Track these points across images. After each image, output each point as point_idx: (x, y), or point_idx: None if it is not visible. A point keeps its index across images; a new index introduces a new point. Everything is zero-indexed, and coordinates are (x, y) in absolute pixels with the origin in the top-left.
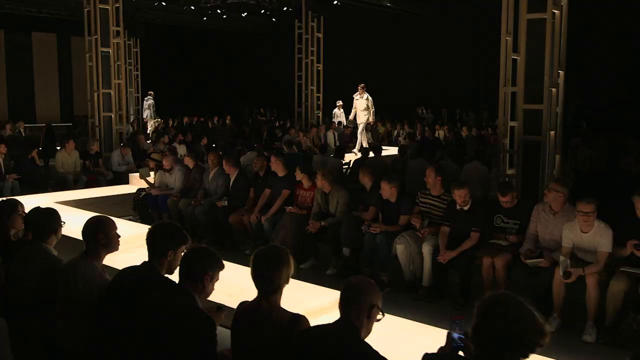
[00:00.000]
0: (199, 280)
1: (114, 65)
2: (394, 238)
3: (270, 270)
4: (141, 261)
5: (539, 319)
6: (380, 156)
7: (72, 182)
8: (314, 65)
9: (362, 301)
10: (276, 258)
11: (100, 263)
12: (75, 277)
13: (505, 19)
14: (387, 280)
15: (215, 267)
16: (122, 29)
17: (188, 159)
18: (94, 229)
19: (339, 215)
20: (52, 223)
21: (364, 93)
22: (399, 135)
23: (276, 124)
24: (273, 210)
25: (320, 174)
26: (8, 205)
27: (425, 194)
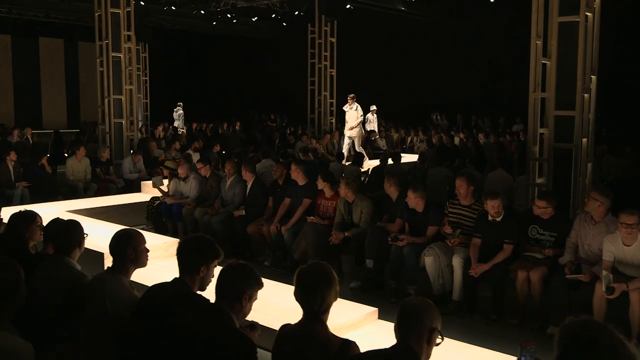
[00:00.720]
0: (237, 300)
1: (125, 70)
2: (421, 250)
3: (320, 289)
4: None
5: (630, 348)
6: (399, 163)
7: (82, 190)
8: (327, 70)
9: (422, 324)
10: (325, 275)
11: (128, 279)
12: (103, 294)
13: (535, 22)
14: (414, 293)
15: (254, 286)
16: (134, 33)
17: (205, 168)
18: (123, 243)
19: (362, 225)
20: (75, 236)
21: (353, 104)
22: (413, 141)
23: (287, 130)
24: (294, 220)
25: (344, 182)
26: (26, 216)
27: (454, 203)
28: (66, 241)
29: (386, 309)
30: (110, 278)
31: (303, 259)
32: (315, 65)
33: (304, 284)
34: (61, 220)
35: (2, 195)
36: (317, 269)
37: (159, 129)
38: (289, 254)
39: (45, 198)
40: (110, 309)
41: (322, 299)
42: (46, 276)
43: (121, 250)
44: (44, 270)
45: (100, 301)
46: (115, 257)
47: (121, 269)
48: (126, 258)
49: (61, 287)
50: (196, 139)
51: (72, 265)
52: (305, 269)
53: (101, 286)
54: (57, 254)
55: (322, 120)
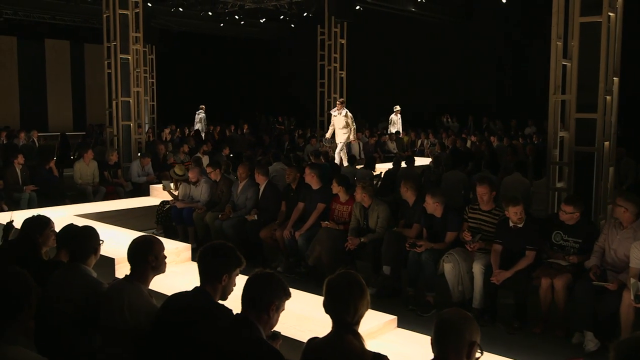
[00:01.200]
0: (264, 311)
1: (133, 72)
2: (440, 256)
3: (353, 299)
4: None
5: None
6: (413, 167)
7: (91, 193)
8: (337, 72)
9: (461, 338)
10: (357, 284)
11: (147, 287)
12: (121, 303)
13: (555, 22)
14: (433, 301)
15: (282, 296)
16: (142, 35)
17: (215, 172)
18: (144, 250)
19: (379, 231)
20: (91, 242)
21: (342, 109)
22: (423, 144)
23: (296, 133)
24: (308, 225)
25: (361, 186)
26: (39, 222)
27: (474, 208)
28: (81, 248)
29: (405, 317)
30: (129, 287)
31: (317, 265)
32: (325, 67)
33: (335, 294)
34: (76, 226)
35: (9, 199)
36: (348, 279)
37: (166, 131)
38: (303, 259)
39: (52, 202)
40: (129, 319)
41: (354, 310)
42: (61, 284)
43: (142, 257)
44: (58, 278)
45: (118, 310)
46: (134, 264)
47: (140, 277)
48: (147, 266)
49: (77, 295)
50: (205, 142)
51: (88, 273)
52: (335, 278)
53: (119, 295)
54: (72, 261)
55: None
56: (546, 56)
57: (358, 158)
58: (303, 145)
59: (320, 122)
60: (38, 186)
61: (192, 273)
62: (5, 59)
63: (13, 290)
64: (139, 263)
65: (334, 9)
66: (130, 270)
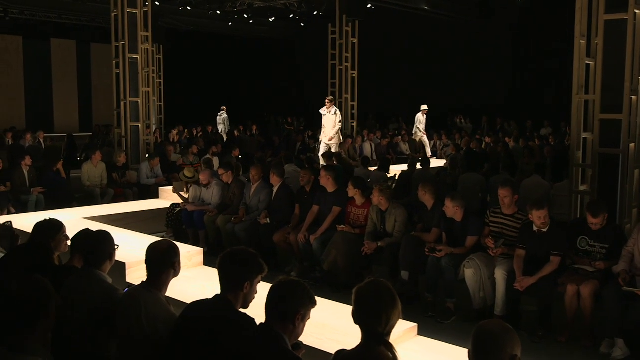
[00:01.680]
0: (290, 320)
1: (142, 72)
2: (460, 261)
3: (385, 309)
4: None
5: None
6: (428, 169)
7: (99, 196)
8: (349, 72)
9: (502, 352)
10: (388, 293)
11: (164, 294)
12: (138, 311)
13: (579, 20)
14: (453, 308)
15: (308, 305)
16: (151, 34)
17: (227, 174)
18: (168, 255)
19: (396, 235)
20: (106, 247)
21: (331, 107)
22: (436, 146)
23: (306, 134)
24: (323, 229)
25: (378, 189)
26: (52, 226)
27: (495, 212)
28: (96, 253)
29: (424, 324)
30: (146, 294)
31: (333, 270)
32: (336, 67)
33: (366, 303)
34: (91, 231)
35: (16, 201)
36: (379, 287)
37: (173, 132)
38: (318, 264)
39: (60, 204)
40: (146, 328)
41: (387, 320)
42: (75, 290)
43: (165, 264)
44: (72, 284)
45: (136, 319)
46: (154, 271)
47: (158, 284)
48: (169, 272)
49: (92, 302)
50: (214, 143)
51: (104, 279)
52: (365, 287)
53: (136, 302)
54: (87, 266)
55: (343, 124)
56: (562, 55)
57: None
58: (314, 147)
59: None
60: (45, 188)
61: (204, 278)
62: (11, 59)
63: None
64: (160, 270)
65: (345, 7)
66: (147, 276)
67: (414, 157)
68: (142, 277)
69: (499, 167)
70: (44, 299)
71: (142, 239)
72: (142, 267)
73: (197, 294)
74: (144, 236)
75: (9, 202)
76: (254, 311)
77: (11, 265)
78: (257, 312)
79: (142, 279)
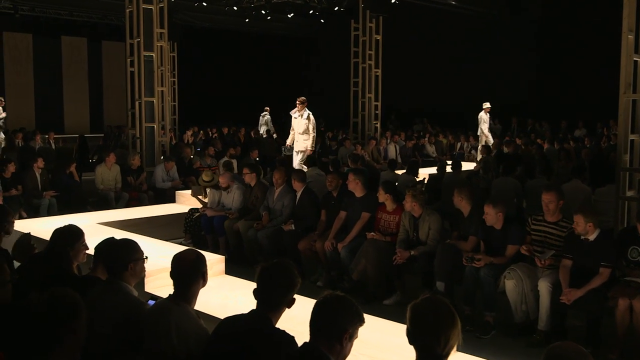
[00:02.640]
0: (337, 340)
1: (157, 70)
2: (500, 271)
3: (444, 328)
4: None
5: None
6: (459, 172)
7: (113, 199)
8: (372, 70)
9: None
10: (447, 311)
11: (193, 307)
12: (167, 326)
13: (626, 14)
14: (492, 321)
15: (357, 323)
16: (167, 31)
17: (251, 175)
18: (197, 266)
19: (431, 243)
20: (131, 257)
21: (304, 110)
22: (463, 148)
23: (327, 135)
24: (351, 236)
25: (411, 194)
26: (72, 233)
27: (537, 219)
28: (120, 263)
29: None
30: (176, 308)
31: (362, 280)
32: (359, 65)
33: (424, 322)
34: (115, 240)
35: (28, 205)
36: (438, 305)
37: (188, 133)
38: (346, 273)
39: (73, 208)
40: (176, 344)
41: (446, 341)
42: (99, 304)
43: (194, 275)
44: (96, 297)
45: (165, 334)
46: (183, 283)
47: (187, 297)
48: (198, 284)
49: (117, 316)
50: (231, 145)
51: (129, 292)
52: (423, 304)
53: (165, 317)
54: (111, 278)
55: (367, 124)
56: (598, 51)
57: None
58: (336, 149)
59: (353, 123)
60: (58, 192)
61: (227, 287)
62: (21, 57)
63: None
64: (189, 282)
65: (368, 2)
66: (175, 289)
67: (441, 159)
68: (161, 286)
69: (534, 171)
70: (72, 313)
71: (159, 246)
72: (160, 276)
73: (220, 304)
74: (161, 243)
75: (20, 206)
76: (293, 327)
77: (28, 276)
78: (296, 327)
79: (161, 288)
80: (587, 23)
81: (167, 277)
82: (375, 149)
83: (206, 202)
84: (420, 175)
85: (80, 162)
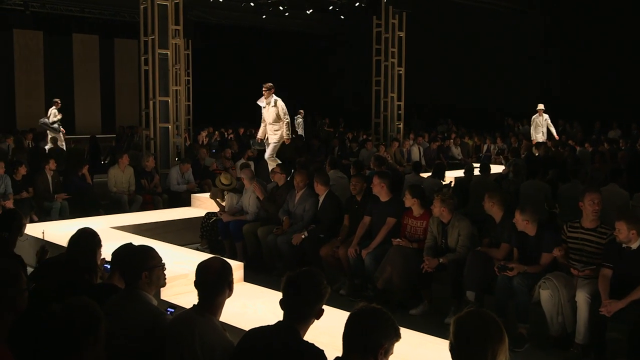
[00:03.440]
0: (371, 354)
1: (172, 69)
2: (534, 281)
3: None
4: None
5: None
6: (488, 175)
7: (126, 203)
8: (395, 68)
9: None
10: (494, 325)
11: (218, 319)
12: (191, 338)
13: None
14: (526, 333)
15: (393, 337)
16: (182, 28)
17: (282, 176)
18: (223, 275)
19: (460, 250)
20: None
21: (270, 97)
22: (489, 150)
23: (347, 136)
24: (376, 243)
25: (440, 198)
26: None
27: (574, 226)
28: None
29: None
30: (200, 320)
31: (387, 289)
32: (381, 63)
33: (470, 337)
34: (133, 246)
35: (39, 208)
36: (485, 319)
37: (202, 134)
38: (370, 282)
39: (86, 212)
40: (200, 357)
41: (493, 357)
42: (117, 314)
43: (222, 285)
44: (113, 307)
45: (188, 347)
46: (208, 293)
47: (213, 308)
48: (224, 294)
49: (137, 327)
50: (249, 147)
51: (148, 300)
52: (468, 318)
53: (188, 328)
54: (129, 286)
55: (389, 125)
56: (633, 48)
57: None
58: (357, 151)
59: (375, 124)
60: (70, 194)
61: (245, 295)
62: (31, 55)
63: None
64: (215, 292)
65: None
66: (199, 299)
67: (467, 162)
68: (177, 294)
69: (566, 174)
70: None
71: (174, 252)
72: (176, 284)
73: (239, 313)
74: (176, 248)
75: (31, 209)
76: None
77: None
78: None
79: (177, 296)
80: (622, 19)
81: (183, 285)
82: (398, 151)
83: (224, 206)
84: (447, 179)
85: (92, 164)
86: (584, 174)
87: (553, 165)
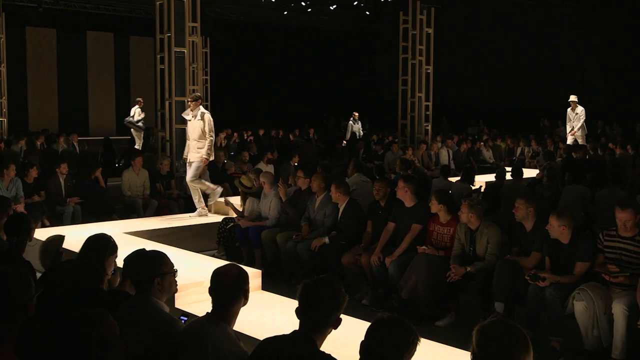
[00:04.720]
0: None
1: (189, 67)
2: (568, 292)
3: (517, 353)
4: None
5: None
6: (521, 180)
7: (141, 207)
8: (423, 67)
9: None
10: (520, 335)
11: (233, 327)
12: (204, 347)
13: None
14: (559, 347)
15: (412, 348)
16: (200, 25)
17: (304, 180)
18: (239, 283)
19: (489, 259)
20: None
21: (197, 108)
22: (523, 153)
23: (372, 138)
24: (400, 250)
25: (467, 204)
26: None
27: (610, 235)
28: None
29: None
30: (214, 329)
31: (412, 298)
32: (408, 61)
33: (495, 347)
34: (145, 251)
35: (51, 212)
36: (510, 329)
37: (221, 136)
38: (394, 291)
39: (99, 216)
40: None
41: None
42: (128, 321)
43: (238, 293)
44: (124, 314)
45: (201, 356)
46: (223, 301)
47: (227, 316)
48: (240, 303)
49: (148, 335)
50: (268, 149)
51: (160, 308)
52: (493, 328)
53: (201, 337)
54: (140, 293)
55: (416, 126)
56: None
57: None
58: (382, 154)
59: (401, 126)
60: (83, 198)
61: (263, 304)
62: (44, 53)
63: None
64: (230, 300)
65: None
66: (213, 307)
67: (499, 165)
68: (192, 302)
69: (605, 178)
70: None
71: (190, 258)
72: (192, 291)
73: (257, 322)
74: (192, 255)
75: (43, 213)
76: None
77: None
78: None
79: (192, 304)
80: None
81: (198, 292)
82: (425, 154)
83: (241, 211)
84: (477, 183)
85: (106, 167)
86: (624, 179)
87: (591, 169)
